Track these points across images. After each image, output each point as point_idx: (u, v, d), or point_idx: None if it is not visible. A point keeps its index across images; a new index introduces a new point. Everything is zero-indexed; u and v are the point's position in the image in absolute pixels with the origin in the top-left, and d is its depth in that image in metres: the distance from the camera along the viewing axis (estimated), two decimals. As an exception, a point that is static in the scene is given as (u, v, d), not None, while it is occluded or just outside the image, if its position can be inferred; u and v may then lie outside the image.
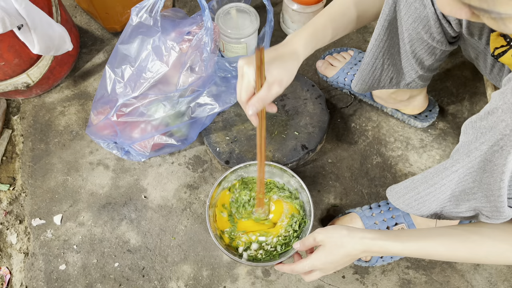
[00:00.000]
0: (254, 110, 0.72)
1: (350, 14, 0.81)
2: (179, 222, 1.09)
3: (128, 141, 1.06)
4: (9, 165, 1.17)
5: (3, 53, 1.01)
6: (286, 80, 0.73)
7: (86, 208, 1.11)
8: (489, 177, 0.58)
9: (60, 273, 1.04)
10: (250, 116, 0.74)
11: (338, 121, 1.20)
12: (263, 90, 0.71)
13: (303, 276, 0.83)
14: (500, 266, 1.02)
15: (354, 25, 0.83)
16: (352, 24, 0.82)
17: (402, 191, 0.77)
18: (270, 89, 0.71)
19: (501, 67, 0.80)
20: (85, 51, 1.32)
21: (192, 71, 0.99)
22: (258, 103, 0.72)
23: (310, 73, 1.27)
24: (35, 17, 0.94)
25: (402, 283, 1.01)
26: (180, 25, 1.01)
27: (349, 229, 0.76)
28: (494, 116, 0.54)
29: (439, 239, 0.70)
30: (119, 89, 1.00)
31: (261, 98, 0.71)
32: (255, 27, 1.15)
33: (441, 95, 1.22)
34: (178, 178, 1.14)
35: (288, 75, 0.73)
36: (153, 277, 1.03)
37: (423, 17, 0.74)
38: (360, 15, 0.82)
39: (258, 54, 0.68)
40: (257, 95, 0.72)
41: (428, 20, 0.74)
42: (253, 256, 0.95)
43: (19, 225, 1.10)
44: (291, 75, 0.74)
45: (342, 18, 0.80)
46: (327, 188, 1.12)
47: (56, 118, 1.22)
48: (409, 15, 0.75)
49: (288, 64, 0.73)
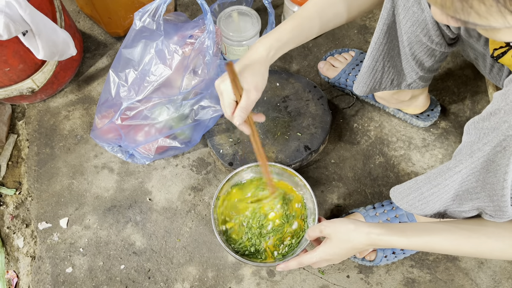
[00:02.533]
0: (240, 119, 0.78)
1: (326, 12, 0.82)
2: (184, 224, 1.09)
3: (132, 144, 1.06)
4: (15, 170, 1.18)
5: (8, 59, 1.02)
6: (261, 84, 0.79)
7: (91, 211, 1.12)
8: (492, 177, 0.58)
9: (66, 276, 1.05)
10: (239, 126, 0.80)
11: (340, 121, 1.20)
12: (243, 99, 0.77)
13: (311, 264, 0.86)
14: (504, 264, 1.02)
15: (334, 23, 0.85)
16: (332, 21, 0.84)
17: (406, 192, 0.77)
18: (249, 96, 0.77)
19: (501, 67, 0.81)
20: (89, 56, 1.33)
21: (195, 74, 1.00)
22: (242, 112, 0.77)
23: (312, 74, 1.28)
24: (40, 23, 0.95)
25: (406, 281, 1.01)
26: (183, 28, 1.02)
27: (355, 223, 0.78)
28: (497, 117, 0.55)
29: (444, 234, 0.70)
30: (123, 92, 1.01)
31: (243, 107, 0.77)
32: (256, 30, 1.16)
33: (443, 95, 1.23)
34: (182, 180, 1.14)
35: (261, 80, 0.79)
36: (158, 279, 1.04)
37: (421, 21, 0.75)
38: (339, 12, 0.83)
39: (229, 68, 0.72)
40: (239, 105, 0.77)
41: (427, 23, 0.75)
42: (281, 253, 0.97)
43: (26, 229, 1.11)
44: (264, 79, 0.79)
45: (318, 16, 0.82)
46: (330, 188, 1.12)
47: (61, 122, 1.23)
48: (407, 19, 0.76)
49: (257, 69, 0.78)
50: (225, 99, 0.79)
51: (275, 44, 0.80)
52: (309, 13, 0.82)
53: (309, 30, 0.82)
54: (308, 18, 0.81)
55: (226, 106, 0.79)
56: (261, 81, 0.79)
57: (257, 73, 0.78)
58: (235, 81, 0.74)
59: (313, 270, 1.03)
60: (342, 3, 0.82)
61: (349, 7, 0.82)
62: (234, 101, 0.78)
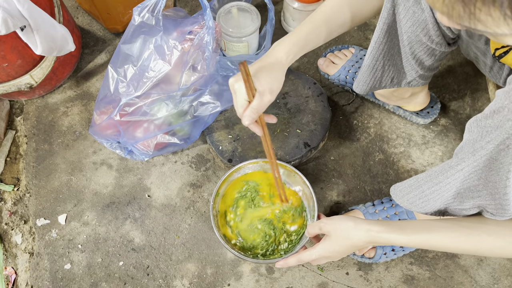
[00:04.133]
0: (250, 119, 0.78)
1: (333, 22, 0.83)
2: (183, 220, 1.09)
3: (131, 141, 1.06)
4: (13, 166, 1.18)
5: (6, 54, 1.02)
6: (276, 88, 0.79)
7: (90, 208, 1.11)
8: (494, 175, 0.58)
9: (65, 273, 1.05)
10: (248, 125, 0.80)
11: (340, 118, 1.20)
12: (256, 100, 0.76)
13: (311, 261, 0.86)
14: (503, 261, 1.02)
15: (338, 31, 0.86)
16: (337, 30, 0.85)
17: (406, 190, 0.77)
18: (262, 98, 0.77)
19: (501, 66, 0.81)
20: (87, 52, 1.33)
21: (194, 70, 1.00)
22: (252, 113, 0.77)
23: (312, 71, 1.27)
24: (38, 18, 0.95)
25: (405, 279, 1.01)
26: (182, 24, 1.02)
27: (355, 221, 0.77)
28: (500, 115, 0.54)
29: (444, 232, 0.70)
30: (122, 88, 1.00)
31: (255, 107, 0.77)
32: (256, 26, 1.15)
33: (443, 92, 1.22)
34: (181, 177, 1.14)
35: (276, 83, 0.78)
36: (157, 275, 1.03)
37: (421, 21, 0.75)
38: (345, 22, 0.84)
39: (242, 68, 0.72)
40: (250, 106, 0.77)
41: (427, 23, 0.75)
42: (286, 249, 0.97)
43: (24, 225, 1.11)
44: (280, 82, 0.79)
45: (325, 25, 0.82)
46: (330, 185, 1.12)
47: (59, 118, 1.23)
48: (408, 18, 0.76)
49: (274, 73, 0.78)
50: (238, 98, 0.79)
51: (294, 49, 0.80)
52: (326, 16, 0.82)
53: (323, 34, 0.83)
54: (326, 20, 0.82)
55: (238, 105, 0.79)
56: (277, 85, 0.79)
57: (274, 76, 0.78)
58: (248, 81, 0.74)
59: (312, 267, 1.03)
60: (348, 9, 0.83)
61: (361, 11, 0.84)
62: (246, 101, 0.78)
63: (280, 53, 0.79)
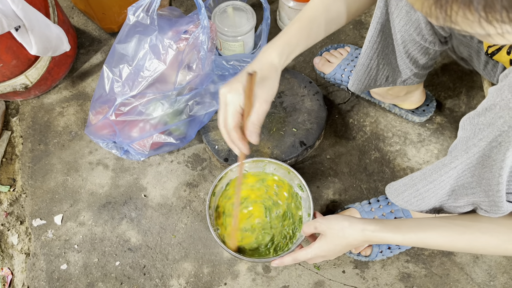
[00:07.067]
0: (256, 134, 0.76)
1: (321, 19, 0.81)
2: (179, 220, 1.09)
3: (127, 140, 1.06)
4: (9, 167, 1.18)
5: (0, 55, 1.01)
6: (271, 97, 0.76)
7: (86, 208, 1.11)
8: (487, 172, 0.58)
9: (61, 273, 1.04)
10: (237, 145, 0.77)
11: (336, 117, 1.20)
12: (254, 113, 0.74)
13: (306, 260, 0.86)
14: (499, 259, 1.03)
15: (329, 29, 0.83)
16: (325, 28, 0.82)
17: (401, 189, 0.77)
18: (260, 110, 0.74)
19: (495, 64, 0.81)
20: (83, 52, 1.32)
21: (190, 69, 1.00)
22: (255, 127, 0.75)
23: (308, 69, 1.27)
24: (32, 18, 0.94)
25: (402, 276, 1.02)
26: (177, 24, 1.01)
27: (350, 220, 0.77)
28: (492, 113, 0.54)
29: (438, 231, 0.70)
30: (117, 88, 1.00)
31: (255, 122, 0.75)
32: (251, 25, 1.15)
33: (438, 90, 1.23)
34: (178, 176, 1.14)
35: (272, 91, 0.76)
36: (154, 275, 1.03)
37: (414, 20, 0.75)
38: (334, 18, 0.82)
39: (250, 80, 0.70)
40: (251, 121, 0.75)
41: (419, 22, 0.75)
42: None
43: (20, 225, 1.11)
44: (275, 90, 0.77)
45: (313, 23, 0.80)
46: (326, 184, 1.12)
47: (55, 119, 1.23)
48: (400, 18, 0.76)
49: (269, 81, 0.76)
50: (230, 110, 0.75)
51: (287, 49, 0.78)
52: (313, 14, 0.80)
53: (316, 31, 0.81)
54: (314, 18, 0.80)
55: (229, 117, 0.75)
56: (272, 93, 0.76)
57: (268, 85, 0.75)
58: (250, 94, 0.71)
59: (309, 266, 1.03)
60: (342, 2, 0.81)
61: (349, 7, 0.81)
62: (239, 113, 0.75)
63: (272, 55, 0.77)
